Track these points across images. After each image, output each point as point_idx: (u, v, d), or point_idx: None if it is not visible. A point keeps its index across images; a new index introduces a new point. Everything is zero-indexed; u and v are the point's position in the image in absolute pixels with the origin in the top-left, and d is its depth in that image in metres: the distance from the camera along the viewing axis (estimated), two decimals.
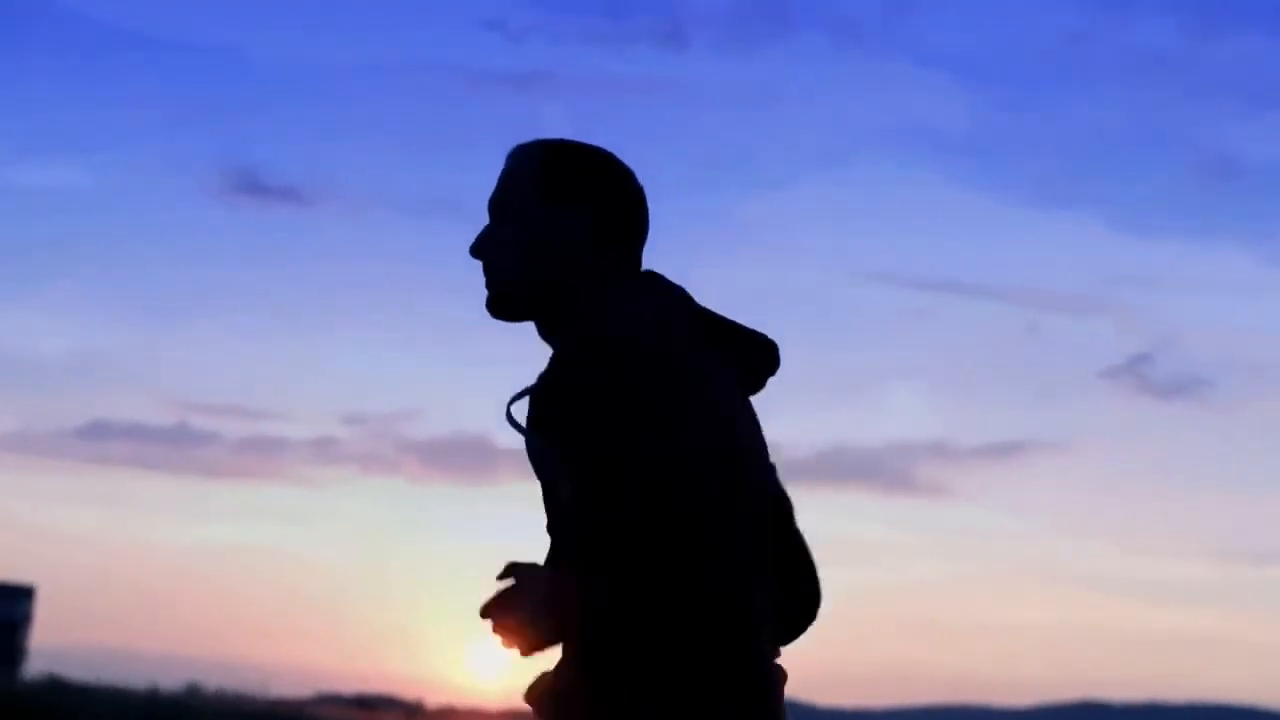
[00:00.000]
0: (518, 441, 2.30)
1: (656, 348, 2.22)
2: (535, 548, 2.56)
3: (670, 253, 2.48)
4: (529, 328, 2.40)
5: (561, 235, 2.35)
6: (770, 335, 2.41)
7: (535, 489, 2.34)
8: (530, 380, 2.25)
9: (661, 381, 2.18)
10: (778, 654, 2.29)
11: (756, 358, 2.38)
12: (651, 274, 2.37)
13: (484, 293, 2.40)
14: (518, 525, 2.52)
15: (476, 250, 2.40)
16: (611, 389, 2.15)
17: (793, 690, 2.29)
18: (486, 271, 2.39)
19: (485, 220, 2.43)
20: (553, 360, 2.23)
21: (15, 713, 18.66)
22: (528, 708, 2.29)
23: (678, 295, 2.34)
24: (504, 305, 2.39)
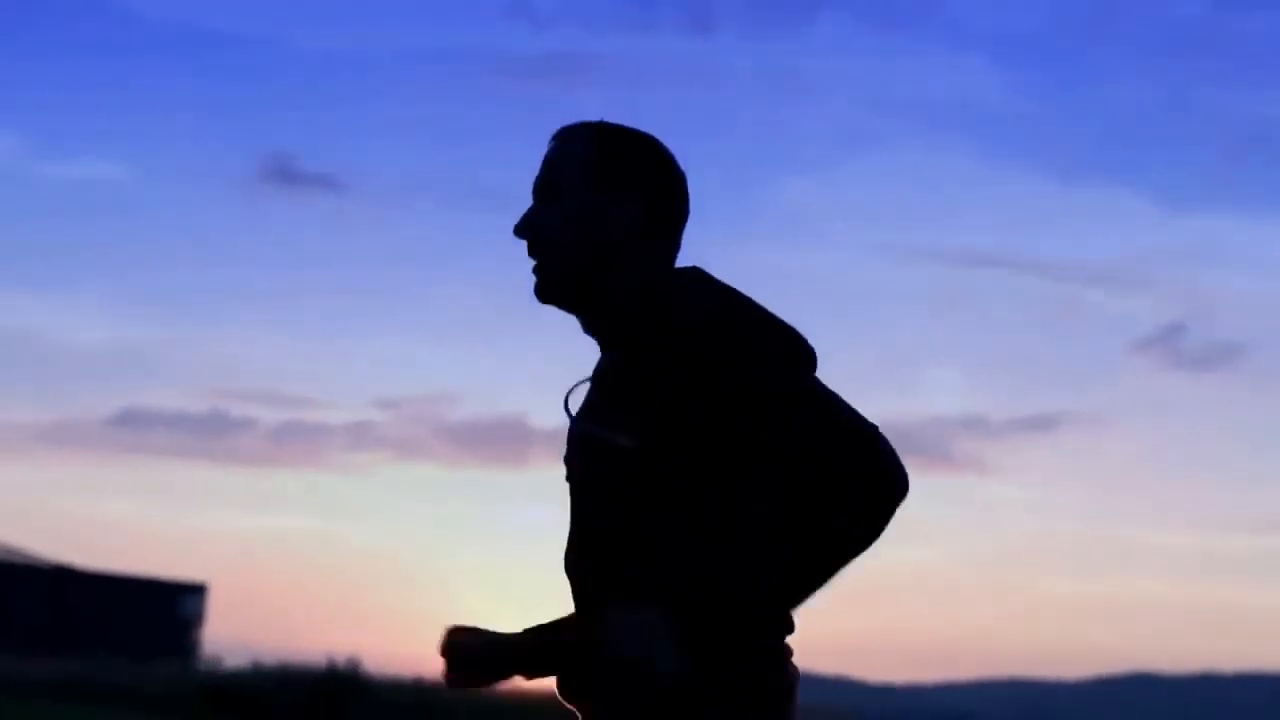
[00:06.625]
0: (560, 425, 2.30)
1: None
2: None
3: (701, 237, 2.46)
4: (558, 313, 2.38)
5: (610, 221, 2.33)
6: (807, 314, 2.36)
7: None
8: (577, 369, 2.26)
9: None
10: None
11: None
12: (697, 269, 2.34)
13: (528, 276, 2.37)
14: (553, 508, 2.51)
15: (521, 230, 2.37)
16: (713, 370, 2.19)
17: (843, 667, 2.35)
18: (531, 253, 2.37)
19: (514, 201, 2.41)
20: (637, 345, 2.25)
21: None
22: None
23: (725, 291, 2.31)
24: (551, 289, 2.36)
